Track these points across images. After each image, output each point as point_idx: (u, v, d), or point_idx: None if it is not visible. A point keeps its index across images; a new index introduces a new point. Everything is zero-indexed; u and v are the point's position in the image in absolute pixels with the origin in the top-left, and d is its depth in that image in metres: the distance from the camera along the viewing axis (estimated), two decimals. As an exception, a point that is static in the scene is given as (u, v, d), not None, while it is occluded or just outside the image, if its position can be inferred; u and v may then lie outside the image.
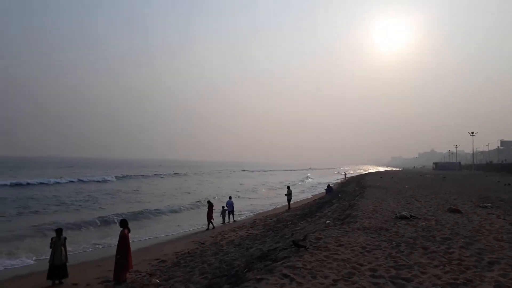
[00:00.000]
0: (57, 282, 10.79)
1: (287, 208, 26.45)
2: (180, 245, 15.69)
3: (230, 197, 24.72)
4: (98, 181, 53.96)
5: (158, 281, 9.90)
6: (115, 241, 11.68)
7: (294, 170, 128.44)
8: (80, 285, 10.61)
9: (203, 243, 15.47)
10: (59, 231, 11.28)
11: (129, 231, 11.00)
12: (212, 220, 21.17)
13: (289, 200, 27.34)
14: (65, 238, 11.21)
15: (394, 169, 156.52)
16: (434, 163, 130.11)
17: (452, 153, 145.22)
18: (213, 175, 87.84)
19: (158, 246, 16.35)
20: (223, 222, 23.07)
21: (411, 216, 12.24)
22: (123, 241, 10.65)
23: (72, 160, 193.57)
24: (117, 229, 12.04)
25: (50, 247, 10.93)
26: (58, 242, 10.94)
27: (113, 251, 11.01)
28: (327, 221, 13.21)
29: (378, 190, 24.68)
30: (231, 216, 23.70)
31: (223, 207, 23.93)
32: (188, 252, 13.69)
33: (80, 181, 52.60)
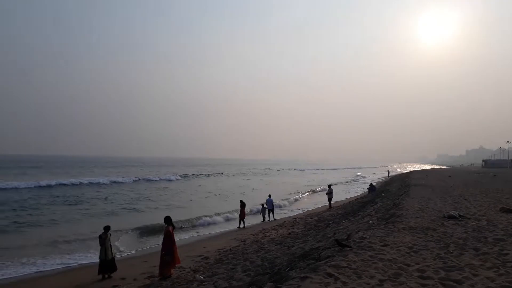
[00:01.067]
0: (106, 276, 11.32)
1: (328, 207, 26.14)
2: (222, 243, 15.96)
3: (269, 195, 24.78)
4: (169, 180, 55.80)
5: (202, 277, 10.10)
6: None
7: (343, 169, 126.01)
8: (127, 279, 11.05)
9: (244, 241, 15.63)
10: (107, 228, 11.82)
11: (173, 227, 11.32)
12: (243, 219, 21.55)
13: (330, 199, 26.99)
14: (110, 234, 11.78)
15: (442, 167, 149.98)
16: (483, 161, 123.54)
17: (503, 150, 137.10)
18: (275, 174, 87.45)
19: (201, 243, 16.74)
20: (263, 220, 23.19)
21: (460, 215, 11.71)
22: (168, 237, 10.97)
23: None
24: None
25: (100, 244, 11.45)
26: (106, 238, 11.49)
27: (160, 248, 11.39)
28: (371, 221, 12.92)
29: (423, 189, 23.80)
30: (271, 214, 23.76)
31: (262, 205, 24.04)
32: (230, 249, 13.88)
33: (149, 180, 54.04)
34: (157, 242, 16.02)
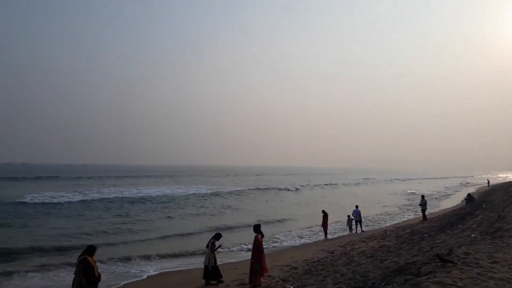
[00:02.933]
0: (214, 282, 11.55)
1: (422, 219, 24.48)
2: (308, 253, 15.77)
3: (356, 206, 23.97)
4: (289, 190, 57.37)
5: (292, 287, 10.07)
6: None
7: (432, 179, 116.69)
8: (220, 286, 11.39)
9: (332, 252, 15.28)
10: (218, 235, 12.05)
11: (262, 236, 11.45)
12: (326, 230, 21.17)
13: (423, 210, 25.25)
14: (212, 243, 11.73)
15: None
16: None
17: None
18: (377, 184, 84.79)
19: (286, 252, 16.72)
20: (350, 231, 22.48)
21: None
22: (257, 246, 11.12)
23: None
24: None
25: (211, 251, 11.59)
26: (215, 246, 11.68)
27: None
28: (473, 235, 11.79)
29: (535, 201, 21.11)
30: (358, 225, 22.96)
31: (348, 216, 23.35)
32: (318, 260, 13.66)
33: (258, 189, 55.93)
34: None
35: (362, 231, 22.51)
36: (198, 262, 15.16)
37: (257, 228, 11.49)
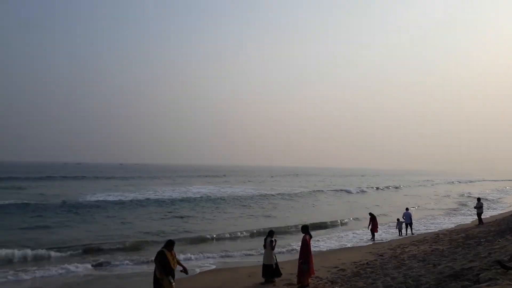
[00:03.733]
0: (273, 280, 11.59)
1: (477, 222, 23.25)
2: (357, 255, 15.52)
3: (407, 208, 23.19)
4: (352, 192, 56.07)
5: (340, 289, 9.99)
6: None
7: (487, 181, 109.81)
8: (267, 285, 11.48)
9: (382, 255, 14.92)
10: (271, 233, 12.18)
11: (310, 237, 11.40)
12: (374, 232, 20.71)
13: (479, 214, 23.94)
14: (271, 241, 11.76)
15: None
16: None
17: None
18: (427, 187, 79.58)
19: (334, 254, 16.56)
20: (400, 234, 21.79)
21: None
22: (305, 246, 11.11)
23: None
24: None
25: (272, 249, 11.68)
26: (267, 243, 11.76)
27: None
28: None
29: None
30: (408, 228, 22.20)
31: (398, 219, 22.65)
32: (367, 263, 13.40)
33: (346, 191, 55.18)
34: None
35: (413, 234, 21.75)
36: (244, 261, 15.48)
37: (305, 229, 11.48)
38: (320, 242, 19.64)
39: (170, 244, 9.12)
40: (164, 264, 8.73)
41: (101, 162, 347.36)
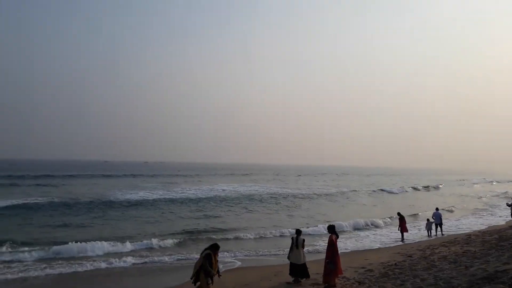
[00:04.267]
0: (300, 280, 11.47)
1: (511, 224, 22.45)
2: (384, 256, 15.28)
3: (437, 208, 22.64)
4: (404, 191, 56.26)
5: (368, 290, 9.85)
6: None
7: None
8: (293, 284, 11.42)
9: (410, 256, 14.60)
10: (299, 231, 12.03)
11: (337, 236, 11.30)
12: (403, 233, 20.31)
13: (514, 214, 23.11)
14: (303, 240, 11.69)
15: None
16: None
17: None
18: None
19: (360, 254, 16.37)
20: (429, 235, 21.28)
21: None
22: (331, 246, 11.01)
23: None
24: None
25: (302, 247, 11.59)
26: (295, 242, 11.62)
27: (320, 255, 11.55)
28: None
29: None
30: (438, 229, 21.65)
31: (428, 219, 22.13)
32: (395, 264, 13.15)
33: (385, 191, 54.15)
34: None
35: (443, 235, 21.21)
36: (270, 260, 15.53)
37: (331, 228, 11.40)
38: (348, 242, 19.49)
39: (216, 248, 9.42)
40: (207, 267, 8.96)
41: (126, 160, 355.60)
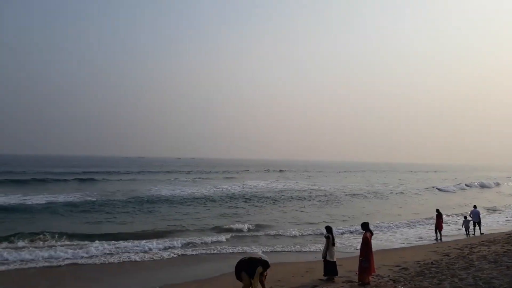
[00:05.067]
0: (333, 277, 11.41)
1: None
2: (420, 254, 14.90)
3: (474, 206, 21.83)
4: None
5: (403, 288, 9.67)
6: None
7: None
8: (327, 282, 11.35)
9: (447, 255, 14.18)
10: (330, 229, 11.94)
11: (371, 234, 11.14)
12: (440, 231, 19.66)
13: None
14: (329, 237, 11.56)
15: None
16: None
17: None
18: None
19: (394, 252, 16.05)
20: (467, 234, 20.54)
21: None
22: (365, 244, 10.86)
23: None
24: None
25: (333, 244, 11.50)
26: (332, 240, 11.57)
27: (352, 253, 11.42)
28: None
29: None
30: (477, 227, 20.87)
31: (465, 217, 21.40)
32: (432, 262, 12.81)
33: (440, 190, 50.69)
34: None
35: (481, 233, 20.43)
36: (301, 256, 15.52)
37: (365, 226, 11.24)
38: (383, 240, 19.20)
39: (266, 266, 9.23)
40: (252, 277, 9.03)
41: (159, 156, 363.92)
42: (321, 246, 14.80)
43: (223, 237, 18.64)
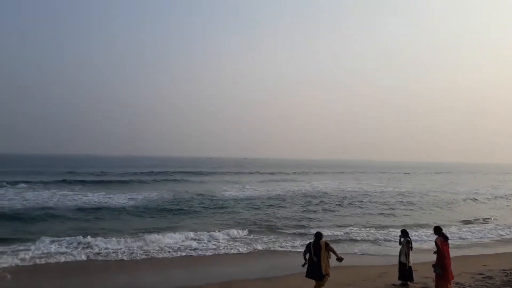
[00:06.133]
0: (408, 283, 10.96)
1: None
2: (506, 262, 13.69)
3: None
4: None
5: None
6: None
7: None
8: (399, 286, 10.82)
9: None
10: (406, 232, 11.45)
11: (445, 239, 10.29)
12: None
13: None
14: (407, 241, 11.10)
15: None
16: None
17: None
18: None
19: (476, 259, 14.83)
20: None
21: None
22: (438, 249, 10.12)
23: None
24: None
25: (411, 249, 11.13)
26: (411, 244, 11.14)
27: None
28: None
29: None
30: None
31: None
32: (521, 272, 11.66)
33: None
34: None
35: None
36: (374, 260, 14.98)
37: (437, 230, 10.42)
38: (464, 245, 17.93)
39: (319, 237, 9.60)
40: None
41: (225, 156, 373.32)
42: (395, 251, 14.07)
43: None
